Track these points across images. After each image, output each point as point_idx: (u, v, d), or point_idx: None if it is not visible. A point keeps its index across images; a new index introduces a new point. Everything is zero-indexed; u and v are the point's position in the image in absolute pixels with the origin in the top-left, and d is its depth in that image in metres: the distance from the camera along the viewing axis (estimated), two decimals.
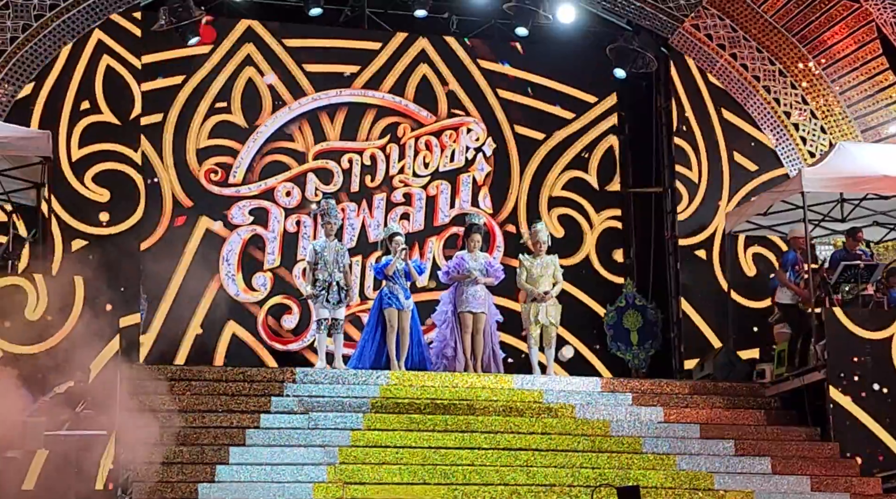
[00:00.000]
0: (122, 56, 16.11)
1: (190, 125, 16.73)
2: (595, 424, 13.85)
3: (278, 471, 12.46)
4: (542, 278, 15.13)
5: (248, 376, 13.91)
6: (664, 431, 13.92)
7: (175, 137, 16.65)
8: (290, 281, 16.68)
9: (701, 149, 17.15)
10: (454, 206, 17.37)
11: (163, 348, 15.83)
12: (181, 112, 16.71)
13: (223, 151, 16.82)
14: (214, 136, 16.81)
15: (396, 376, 14.20)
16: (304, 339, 16.53)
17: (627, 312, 17.11)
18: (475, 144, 17.58)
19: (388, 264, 14.75)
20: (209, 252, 16.52)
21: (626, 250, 17.72)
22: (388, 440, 13.12)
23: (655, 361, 17.09)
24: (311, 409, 13.39)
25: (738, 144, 17.17)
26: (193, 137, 16.72)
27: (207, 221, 16.62)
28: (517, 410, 13.88)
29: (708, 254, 16.87)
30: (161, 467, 12.26)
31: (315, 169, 17.08)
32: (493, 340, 15.10)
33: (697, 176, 17.09)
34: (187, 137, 16.72)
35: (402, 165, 17.32)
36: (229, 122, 16.87)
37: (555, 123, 17.79)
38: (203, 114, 16.78)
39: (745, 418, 14.44)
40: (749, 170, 17.12)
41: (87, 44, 15.99)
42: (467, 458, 13.04)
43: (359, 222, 17.05)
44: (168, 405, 13.13)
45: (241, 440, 12.83)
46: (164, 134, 16.59)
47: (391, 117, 17.39)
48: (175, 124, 16.66)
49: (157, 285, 16.07)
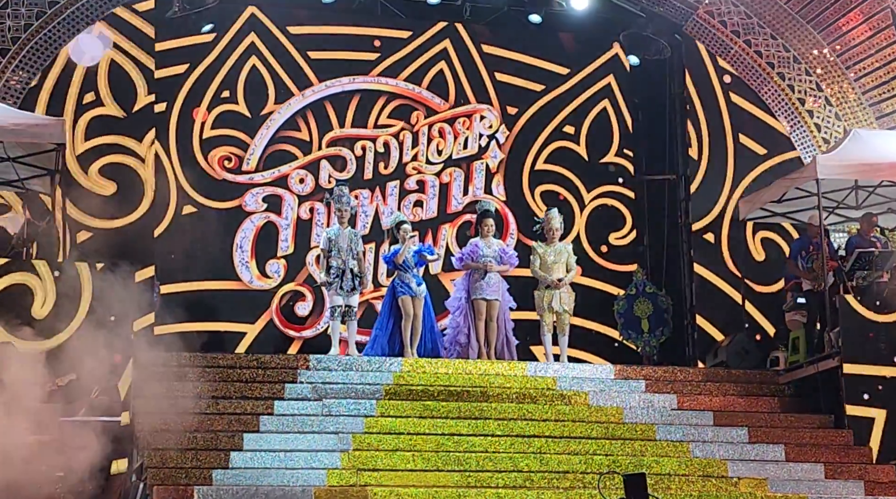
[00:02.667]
0: (127, 50, 16.03)
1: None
2: (608, 411, 13.83)
3: (292, 457, 12.46)
4: (556, 266, 15.09)
5: (261, 363, 13.91)
6: (677, 418, 13.90)
7: (181, 127, 16.64)
8: (304, 268, 16.72)
9: (711, 135, 17.11)
10: (467, 193, 17.38)
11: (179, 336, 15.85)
12: (186, 100, 16.70)
13: (232, 140, 16.83)
14: (222, 125, 16.82)
15: (410, 363, 14.18)
16: (317, 326, 16.58)
17: (638, 299, 17.10)
18: (488, 131, 17.58)
19: (396, 253, 14.74)
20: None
21: (639, 237, 17.71)
22: (402, 427, 13.11)
23: (667, 349, 17.09)
24: (325, 396, 13.38)
25: (748, 129, 17.11)
26: (197, 126, 16.71)
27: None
28: (530, 397, 13.87)
29: (716, 238, 16.82)
30: (175, 453, 12.27)
31: (328, 156, 17.10)
32: (506, 327, 15.08)
33: (706, 162, 17.06)
34: (193, 126, 16.71)
35: (415, 153, 17.34)
36: (236, 111, 16.88)
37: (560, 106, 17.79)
38: (208, 102, 16.79)
39: (759, 406, 14.42)
40: (758, 154, 17.06)
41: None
42: (480, 445, 13.03)
43: (372, 209, 17.08)
44: (182, 392, 13.10)
45: (255, 427, 12.82)
46: (170, 124, 16.57)
47: (405, 105, 17.38)
48: (179, 114, 16.67)
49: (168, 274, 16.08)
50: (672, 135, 17.47)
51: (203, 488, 11.82)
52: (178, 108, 16.64)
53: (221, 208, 16.66)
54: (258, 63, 17.00)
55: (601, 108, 17.83)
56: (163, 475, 12.00)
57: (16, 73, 15.37)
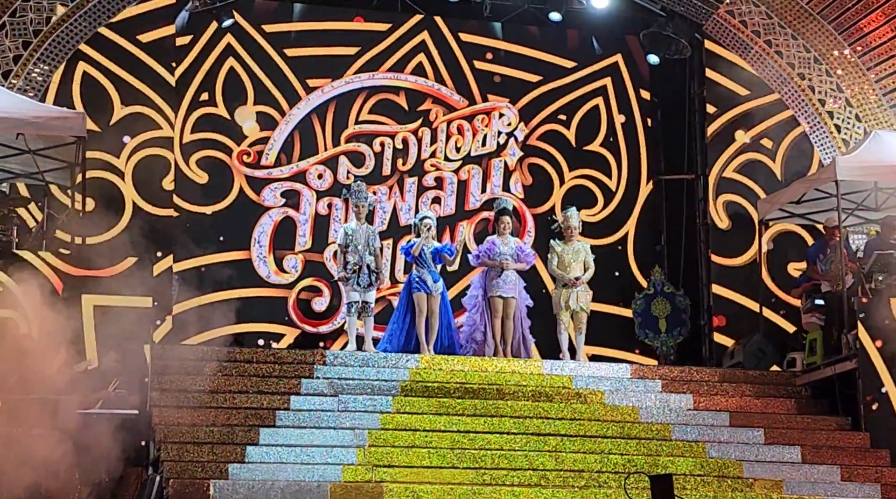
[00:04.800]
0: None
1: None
2: (624, 410, 13.84)
3: (308, 453, 12.49)
4: (574, 264, 15.11)
5: (278, 358, 13.95)
6: (693, 418, 13.90)
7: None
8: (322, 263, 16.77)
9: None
10: (485, 190, 17.38)
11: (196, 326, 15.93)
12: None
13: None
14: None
15: (426, 360, 14.20)
16: (334, 321, 16.60)
17: (656, 299, 17.08)
18: (507, 129, 17.57)
19: (413, 245, 14.76)
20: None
21: (658, 237, 17.67)
22: (418, 424, 13.13)
23: (684, 349, 17.06)
24: (341, 391, 13.41)
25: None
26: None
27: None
28: (546, 395, 13.87)
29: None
30: (192, 446, 12.33)
31: (347, 152, 17.12)
32: (522, 325, 15.08)
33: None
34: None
35: (433, 149, 17.34)
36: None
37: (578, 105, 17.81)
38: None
39: (776, 407, 14.41)
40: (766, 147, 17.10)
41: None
42: (496, 442, 13.03)
43: (390, 206, 17.10)
44: (199, 386, 13.17)
45: (271, 421, 12.85)
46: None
47: (424, 101, 17.40)
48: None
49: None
50: (691, 134, 17.45)
51: (219, 481, 11.86)
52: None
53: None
54: (277, 58, 17.06)
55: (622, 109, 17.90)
56: (179, 469, 12.03)
57: (37, 66, 15.44)
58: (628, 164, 17.73)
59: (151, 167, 15.89)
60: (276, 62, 17.04)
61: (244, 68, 16.89)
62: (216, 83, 16.79)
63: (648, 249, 17.59)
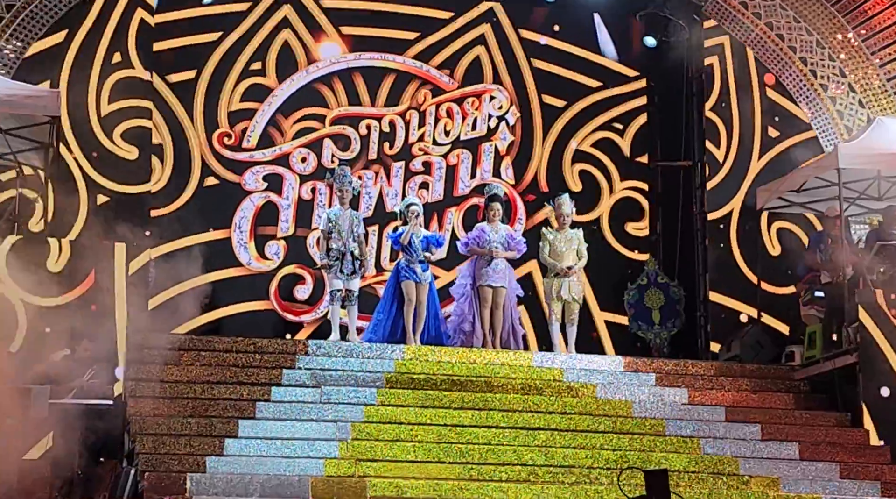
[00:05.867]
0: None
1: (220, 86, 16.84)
2: (617, 404, 13.82)
3: (289, 446, 12.46)
4: (566, 253, 15.07)
5: (259, 348, 13.92)
6: (688, 413, 13.89)
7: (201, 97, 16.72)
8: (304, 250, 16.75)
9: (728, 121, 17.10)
10: (475, 176, 17.37)
11: (174, 316, 15.89)
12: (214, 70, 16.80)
13: (240, 115, 16.87)
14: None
15: (412, 351, 14.17)
16: (316, 310, 16.61)
17: (649, 290, 17.06)
18: (498, 112, 17.55)
19: (402, 233, 14.70)
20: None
21: (652, 226, 17.66)
22: (403, 417, 13.11)
23: (679, 341, 17.05)
24: (324, 383, 13.39)
25: (767, 114, 17.06)
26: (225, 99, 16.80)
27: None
28: (536, 388, 13.86)
29: (726, 228, 16.84)
30: (168, 438, 12.28)
31: (332, 135, 17.10)
32: (513, 315, 15.07)
33: (725, 150, 17.02)
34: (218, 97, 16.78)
35: (421, 133, 17.32)
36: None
37: (581, 92, 17.73)
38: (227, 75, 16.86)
39: (773, 402, 14.40)
40: (771, 137, 17.02)
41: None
42: (484, 437, 13.03)
43: (376, 191, 17.07)
44: (176, 376, 13.16)
45: (251, 413, 12.83)
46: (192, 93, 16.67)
47: (412, 83, 17.37)
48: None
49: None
50: (688, 120, 17.39)
51: (196, 475, 11.82)
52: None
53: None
54: (290, 35, 17.03)
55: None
56: (155, 461, 11.98)
57: (9, 42, 15.29)
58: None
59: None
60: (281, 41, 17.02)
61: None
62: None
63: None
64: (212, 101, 16.73)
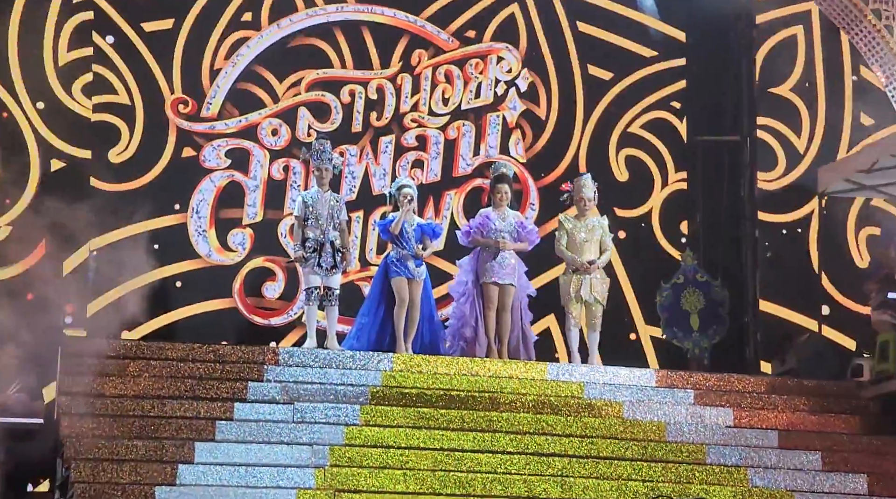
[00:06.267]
0: None
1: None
2: (647, 426, 13.82)
3: (254, 474, 12.43)
4: (587, 245, 15.01)
5: (219, 356, 13.88)
6: (733, 437, 13.89)
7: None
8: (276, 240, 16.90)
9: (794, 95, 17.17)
10: (479, 152, 17.43)
11: (116, 319, 15.93)
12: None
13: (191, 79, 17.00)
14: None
15: (403, 361, 14.17)
16: (289, 311, 16.68)
17: (686, 290, 17.03)
18: (506, 77, 17.67)
19: (392, 221, 14.63)
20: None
21: (691, 214, 17.74)
22: (391, 439, 13.10)
23: (722, 352, 17.02)
24: (297, 398, 13.38)
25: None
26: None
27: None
28: (552, 406, 13.86)
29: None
30: (110, 464, 12.22)
31: (308, 102, 17.20)
32: (523, 318, 15.05)
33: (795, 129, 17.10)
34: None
35: (415, 101, 17.44)
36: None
37: (634, 63, 17.97)
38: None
39: (837, 425, 14.39)
40: (864, 125, 17.11)
41: None
42: (488, 464, 13.02)
43: (361, 170, 17.16)
44: (120, 389, 13.12)
45: (209, 435, 12.80)
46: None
47: (403, 40, 17.51)
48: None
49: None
50: (736, 86, 17.37)
51: None
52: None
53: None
54: None
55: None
56: (93, 492, 11.95)
57: None
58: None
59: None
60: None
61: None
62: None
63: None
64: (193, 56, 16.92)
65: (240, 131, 16.96)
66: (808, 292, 17.02)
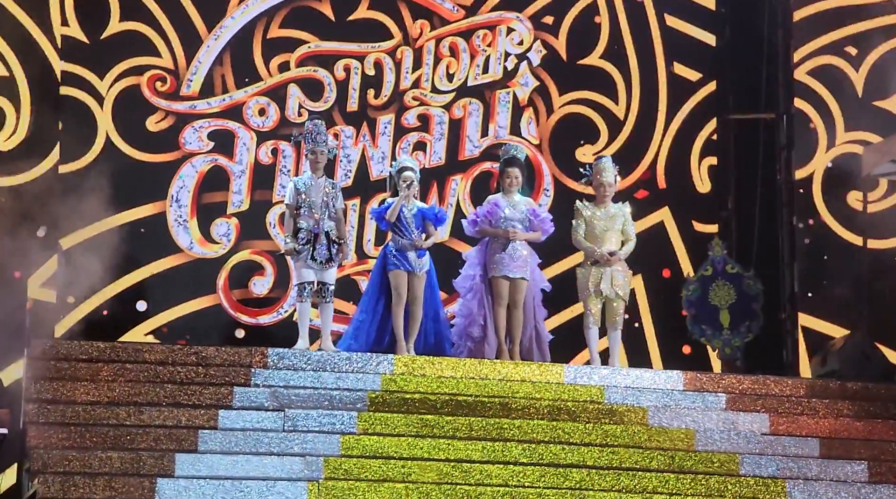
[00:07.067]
0: None
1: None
2: (675, 434, 13.77)
3: (241, 488, 12.38)
4: (607, 234, 14.98)
5: (202, 358, 13.83)
6: (770, 446, 13.84)
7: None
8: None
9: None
10: (487, 133, 17.48)
11: (88, 318, 16.15)
12: None
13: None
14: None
15: (404, 363, 14.14)
16: (280, 309, 16.73)
17: (716, 283, 17.08)
18: (518, 50, 17.70)
19: (389, 207, 14.61)
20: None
21: (722, 198, 17.80)
22: (392, 449, 13.06)
23: (756, 351, 17.07)
24: (288, 405, 13.36)
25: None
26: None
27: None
28: (569, 412, 13.82)
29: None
30: (81, 478, 12.18)
31: (299, 79, 17.27)
32: (536, 315, 15.04)
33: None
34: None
35: (417, 77, 17.50)
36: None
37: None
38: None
39: (884, 432, 14.30)
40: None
41: None
42: (499, 476, 12.97)
43: (357, 153, 17.19)
44: (93, 395, 13.09)
45: (191, 445, 12.77)
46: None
47: (403, 10, 17.56)
48: None
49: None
50: (771, 58, 17.36)
51: None
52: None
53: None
54: None
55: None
56: None
57: None
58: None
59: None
60: None
61: None
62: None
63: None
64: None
65: (223, 111, 16.99)
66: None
